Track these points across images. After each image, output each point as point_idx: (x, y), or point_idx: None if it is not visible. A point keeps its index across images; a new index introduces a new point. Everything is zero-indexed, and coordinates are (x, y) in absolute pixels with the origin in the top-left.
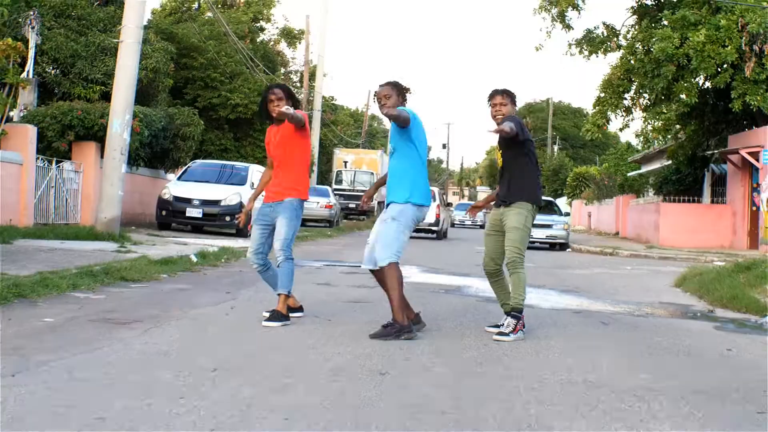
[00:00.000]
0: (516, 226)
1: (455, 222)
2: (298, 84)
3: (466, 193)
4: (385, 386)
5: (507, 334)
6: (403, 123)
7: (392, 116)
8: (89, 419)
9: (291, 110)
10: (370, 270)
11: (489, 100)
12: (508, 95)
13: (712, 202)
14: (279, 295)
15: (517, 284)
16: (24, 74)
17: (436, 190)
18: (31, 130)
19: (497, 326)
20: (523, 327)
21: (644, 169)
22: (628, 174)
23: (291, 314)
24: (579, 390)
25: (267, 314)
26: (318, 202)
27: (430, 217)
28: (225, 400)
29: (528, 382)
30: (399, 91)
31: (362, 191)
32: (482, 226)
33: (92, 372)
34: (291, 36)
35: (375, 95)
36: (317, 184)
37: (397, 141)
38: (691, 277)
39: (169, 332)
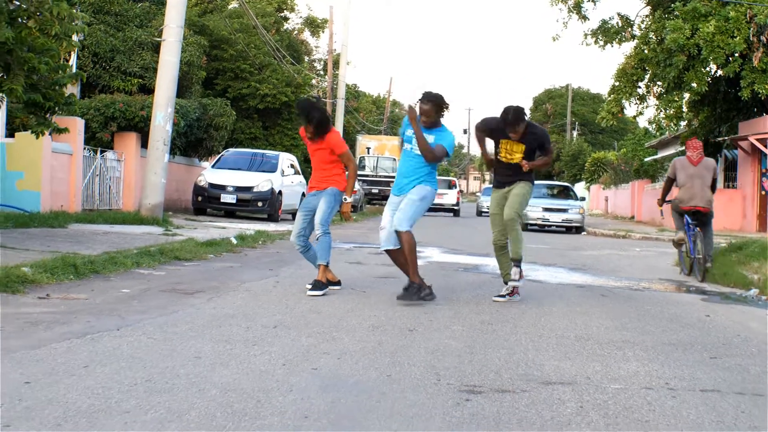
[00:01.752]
0: (518, 194)
1: (482, 210)
2: (322, 72)
3: (488, 177)
4: (413, 338)
5: (517, 280)
6: (439, 159)
7: (433, 159)
8: (189, 357)
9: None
10: (387, 250)
11: (502, 122)
12: (521, 120)
13: (725, 186)
14: (319, 266)
15: (516, 239)
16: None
17: (455, 179)
18: (80, 123)
19: (502, 296)
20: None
21: (660, 154)
22: (645, 159)
23: (331, 287)
24: (570, 342)
25: (310, 285)
26: None
27: (451, 199)
28: (288, 346)
29: (529, 336)
30: (439, 107)
31: (385, 177)
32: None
33: (179, 327)
34: (314, 25)
35: (412, 108)
36: None
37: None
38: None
39: (230, 300)
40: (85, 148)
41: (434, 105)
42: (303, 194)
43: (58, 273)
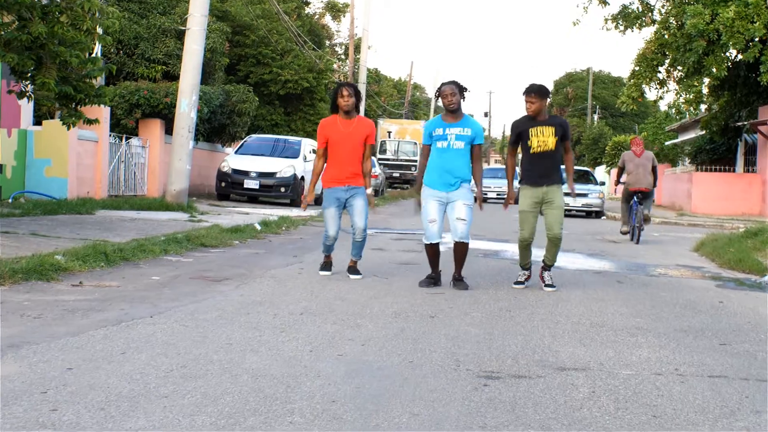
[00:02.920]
0: (562, 206)
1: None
2: (343, 57)
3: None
4: (434, 325)
5: (554, 286)
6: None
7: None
8: (221, 344)
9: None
10: (434, 243)
11: (525, 95)
12: (542, 94)
13: (745, 171)
14: (355, 260)
15: (556, 252)
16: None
17: None
18: (105, 110)
19: (520, 282)
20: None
21: (681, 138)
22: (665, 143)
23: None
24: (585, 329)
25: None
26: None
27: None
28: (314, 333)
29: (546, 323)
30: (460, 90)
31: (406, 161)
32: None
33: (209, 314)
34: (336, 9)
35: (439, 92)
36: None
37: (467, 144)
38: (708, 243)
39: (257, 287)
40: (110, 135)
41: (456, 86)
42: None
43: (90, 261)
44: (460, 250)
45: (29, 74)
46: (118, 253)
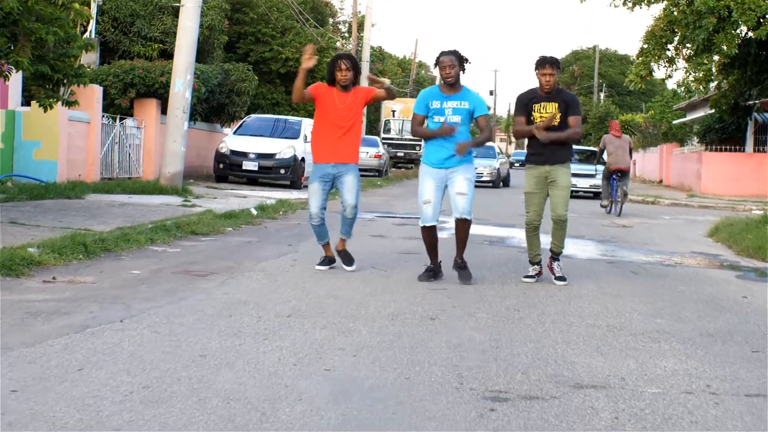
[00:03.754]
0: (567, 186)
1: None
2: (347, 34)
3: (513, 139)
4: (434, 329)
5: (565, 279)
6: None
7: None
8: (194, 356)
9: (388, 82)
10: (429, 226)
11: (538, 68)
12: (557, 66)
13: (755, 150)
14: (344, 240)
15: (563, 237)
16: (86, 34)
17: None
18: (98, 90)
19: (531, 276)
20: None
21: (689, 117)
22: (673, 122)
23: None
24: (601, 332)
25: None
26: (367, 152)
27: None
28: (301, 340)
29: (558, 326)
30: (460, 61)
31: (410, 140)
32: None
33: (187, 317)
34: None
35: (438, 63)
36: (366, 134)
37: (466, 118)
38: (723, 228)
39: (244, 283)
40: (103, 116)
41: (455, 56)
42: None
43: (67, 253)
44: (462, 228)
45: (5, 52)
46: (99, 243)
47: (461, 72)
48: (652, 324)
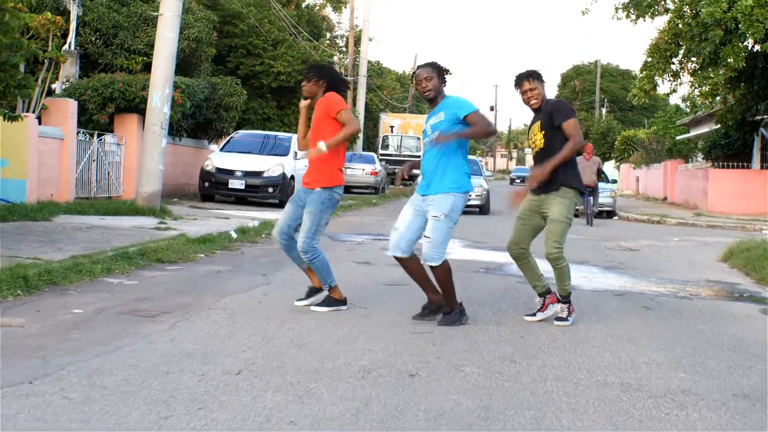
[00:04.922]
0: (558, 219)
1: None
2: (344, 49)
3: (514, 155)
4: (413, 391)
5: (566, 319)
6: (488, 129)
7: (489, 134)
8: None
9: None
10: (396, 257)
11: (517, 87)
12: (535, 77)
13: (762, 167)
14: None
15: (562, 276)
16: (66, 46)
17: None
18: (72, 105)
19: (534, 314)
20: (573, 310)
21: (693, 133)
22: (677, 137)
23: (337, 307)
24: (615, 394)
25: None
26: (363, 169)
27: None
28: (245, 410)
29: (562, 385)
30: (439, 72)
31: (409, 156)
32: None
33: (113, 377)
34: (337, 0)
35: (414, 77)
36: (363, 150)
37: (448, 128)
38: (738, 252)
39: (197, 326)
40: (79, 132)
41: (432, 68)
42: None
43: (2, 288)
44: (434, 273)
45: None
46: (44, 276)
47: (442, 84)
48: (675, 380)
